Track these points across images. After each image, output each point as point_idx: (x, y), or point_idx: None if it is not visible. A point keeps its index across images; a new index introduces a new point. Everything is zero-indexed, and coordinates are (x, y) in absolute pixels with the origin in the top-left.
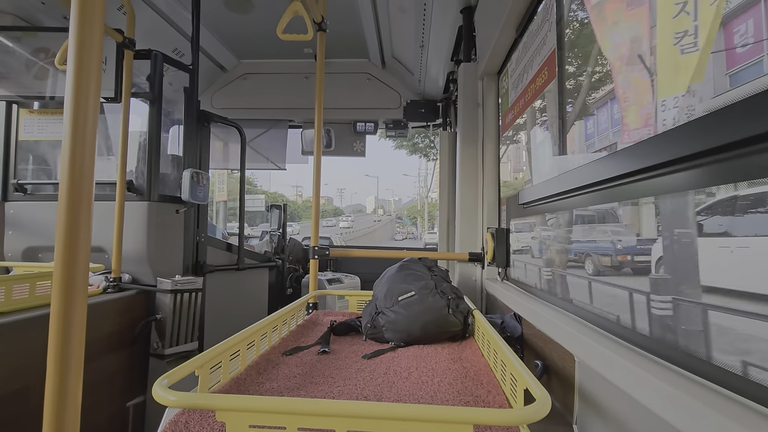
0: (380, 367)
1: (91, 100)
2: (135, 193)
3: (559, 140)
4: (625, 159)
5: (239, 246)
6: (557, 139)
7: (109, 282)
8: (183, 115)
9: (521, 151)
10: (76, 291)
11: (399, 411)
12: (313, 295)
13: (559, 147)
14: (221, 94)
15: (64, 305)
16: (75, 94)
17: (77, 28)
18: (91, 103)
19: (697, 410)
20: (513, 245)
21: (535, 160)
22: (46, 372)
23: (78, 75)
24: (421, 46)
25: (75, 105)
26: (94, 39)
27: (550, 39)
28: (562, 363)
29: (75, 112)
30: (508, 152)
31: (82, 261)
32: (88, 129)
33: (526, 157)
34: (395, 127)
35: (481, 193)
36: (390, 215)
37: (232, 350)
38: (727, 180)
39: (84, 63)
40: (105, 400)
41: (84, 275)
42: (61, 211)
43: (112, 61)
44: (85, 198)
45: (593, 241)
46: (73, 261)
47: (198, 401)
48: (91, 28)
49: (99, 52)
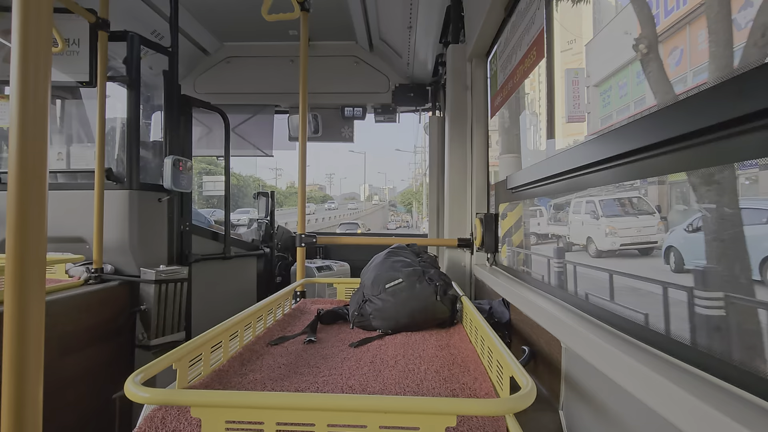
0: (367, 355)
1: (42, 77)
2: (115, 182)
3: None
4: (615, 141)
5: (225, 234)
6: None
7: (90, 273)
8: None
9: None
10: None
11: (380, 403)
12: (300, 283)
13: (548, 129)
14: (204, 78)
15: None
16: (21, 73)
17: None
18: (42, 82)
19: (681, 396)
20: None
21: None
22: (1, 373)
23: (24, 48)
24: (409, 27)
25: (22, 85)
26: (41, 12)
27: (539, 18)
28: (549, 349)
29: (22, 93)
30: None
31: (37, 256)
32: (39, 113)
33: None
34: (384, 111)
35: (470, 178)
36: (382, 202)
37: (213, 342)
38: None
39: (31, 35)
40: (90, 393)
41: (40, 270)
42: (11, 202)
43: (86, 44)
44: (37, 187)
45: None
46: (26, 255)
47: (171, 398)
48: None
49: (48, 24)
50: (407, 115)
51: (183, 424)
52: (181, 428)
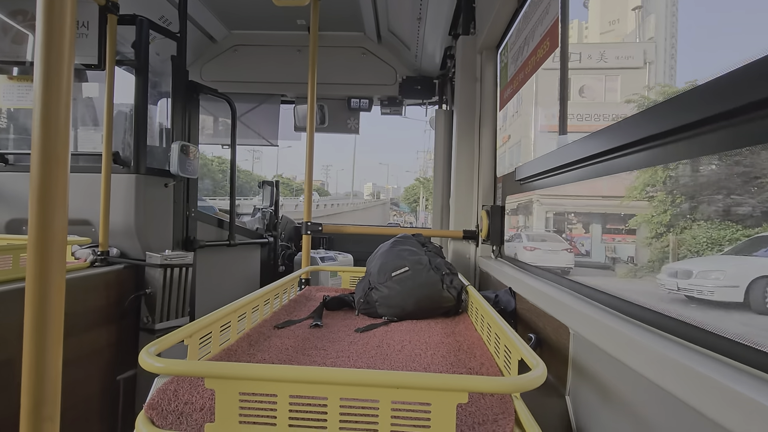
0: (373, 340)
1: (65, 62)
2: (122, 166)
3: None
4: (628, 130)
5: (230, 222)
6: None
7: (96, 255)
8: (171, 86)
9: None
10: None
11: (393, 378)
12: (306, 270)
13: (560, 123)
14: (211, 66)
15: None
16: (45, 56)
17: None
18: (66, 66)
19: (693, 374)
20: None
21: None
22: (23, 345)
23: (48, 36)
24: (419, 18)
25: (45, 68)
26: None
27: (553, 7)
28: (556, 336)
29: (46, 76)
30: None
31: (58, 233)
32: (62, 94)
33: None
34: (390, 104)
35: (476, 171)
36: (381, 198)
37: (222, 321)
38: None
39: (56, 22)
40: (95, 374)
41: (61, 247)
42: (34, 181)
43: (95, 27)
44: (61, 167)
45: None
46: (49, 232)
47: (186, 368)
48: None
49: (72, 10)
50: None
51: (195, 397)
52: (193, 400)
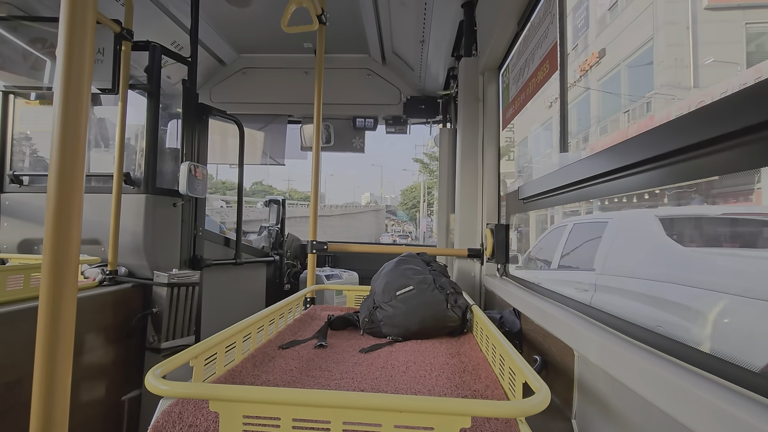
0: (378, 361)
1: (84, 89)
2: (132, 186)
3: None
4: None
5: (237, 241)
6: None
7: (105, 275)
8: (181, 108)
9: None
10: (65, 283)
11: (396, 402)
12: (311, 289)
13: (561, 140)
14: (220, 88)
15: (53, 298)
16: (65, 83)
17: (68, 16)
18: (84, 93)
19: (700, 401)
20: None
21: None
22: (34, 364)
23: (68, 63)
24: (422, 41)
25: (65, 94)
26: (86, 27)
27: (552, 31)
28: (562, 358)
29: (65, 101)
30: None
31: (72, 253)
32: (80, 119)
33: None
34: (395, 123)
35: (480, 189)
36: (375, 204)
37: (227, 342)
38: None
39: (75, 51)
40: (100, 394)
41: (74, 268)
42: (51, 203)
43: (110, 53)
44: (77, 189)
45: None
46: (63, 253)
47: (191, 391)
48: (83, 16)
49: (91, 41)
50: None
51: (200, 419)
52: (198, 423)
